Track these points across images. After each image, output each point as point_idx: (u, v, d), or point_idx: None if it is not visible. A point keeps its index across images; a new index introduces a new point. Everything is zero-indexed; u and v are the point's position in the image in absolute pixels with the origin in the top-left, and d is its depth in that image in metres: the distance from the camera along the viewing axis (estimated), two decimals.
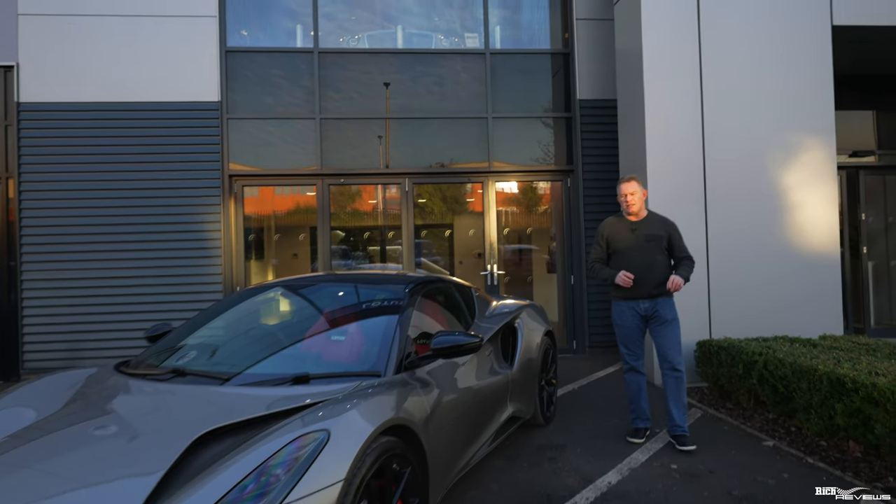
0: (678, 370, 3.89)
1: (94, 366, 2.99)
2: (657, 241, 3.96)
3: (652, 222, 4.03)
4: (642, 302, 3.96)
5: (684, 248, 4.03)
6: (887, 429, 3.38)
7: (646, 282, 3.92)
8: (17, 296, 6.61)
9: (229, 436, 2.04)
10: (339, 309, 3.23)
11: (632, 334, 4.02)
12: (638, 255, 3.94)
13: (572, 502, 3.11)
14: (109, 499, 1.76)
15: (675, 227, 4.06)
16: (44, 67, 6.67)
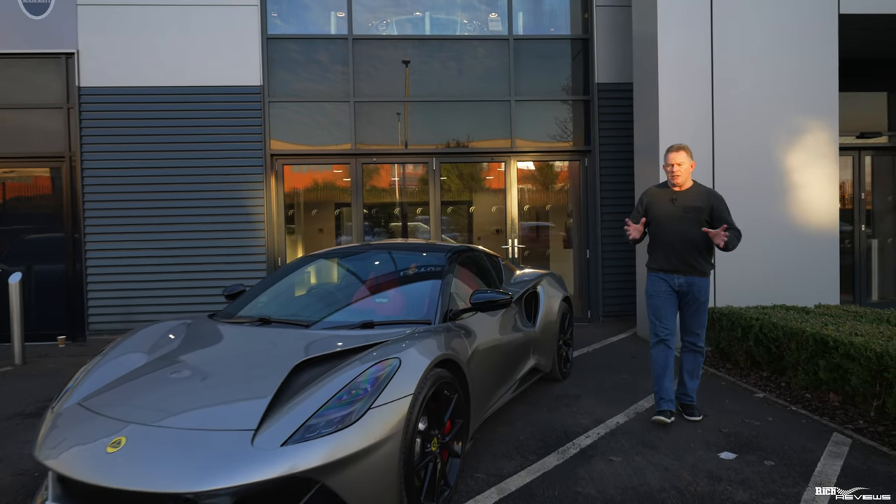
0: (698, 347, 3.91)
1: (181, 318, 3.56)
2: (696, 213, 3.78)
3: (694, 194, 3.86)
4: (676, 276, 3.85)
5: (731, 221, 3.77)
6: (861, 380, 3.90)
7: (679, 255, 3.80)
8: (81, 265, 7.29)
9: (317, 365, 2.63)
10: (392, 271, 3.82)
11: (663, 306, 3.90)
12: (674, 226, 3.81)
13: (585, 435, 3.69)
14: (239, 411, 2.36)
15: (720, 199, 3.84)
16: (101, 54, 7.24)
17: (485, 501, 2.83)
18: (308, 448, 2.13)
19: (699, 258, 3.82)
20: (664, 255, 3.89)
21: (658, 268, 3.95)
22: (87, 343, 7.24)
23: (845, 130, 8.12)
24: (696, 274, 3.83)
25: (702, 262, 3.84)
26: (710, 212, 3.81)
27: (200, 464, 2.10)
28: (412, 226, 8.13)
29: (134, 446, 2.20)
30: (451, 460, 2.80)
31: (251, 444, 2.15)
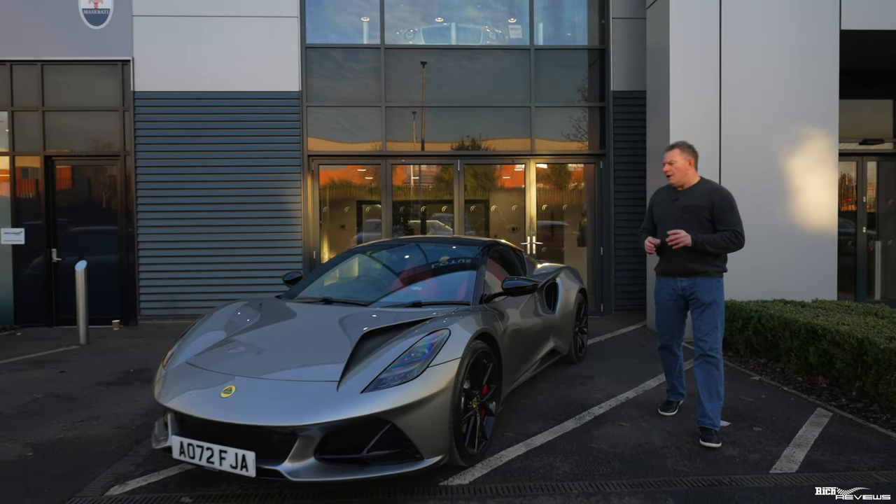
0: (710, 356, 3.55)
1: (245, 301, 4.09)
2: (695, 212, 3.58)
3: (696, 192, 3.65)
4: (679, 280, 3.67)
5: (730, 221, 3.52)
6: (844, 364, 4.41)
7: (678, 258, 3.62)
8: (134, 256, 7.94)
9: (379, 335, 3.19)
10: (433, 261, 4.39)
11: (666, 314, 3.80)
12: (673, 226, 3.61)
13: (599, 406, 4.24)
14: (323, 367, 2.93)
15: (724, 196, 3.59)
16: (153, 61, 7.88)
17: (515, 452, 3.39)
18: (381, 395, 2.71)
19: (699, 261, 3.58)
20: (665, 258, 3.74)
21: (662, 272, 3.81)
22: (138, 327, 7.89)
23: (848, 137, 8.59)
24: (699, 275, 3.60)
25: (704, 265, 3.58)
26: (710, 210, 3.57)
27: (298, 405, 2.68)
28: (430, 223, 8.70)
29: (243, 392, 2.79)
30: (487, 418, 3.36)
31: (337, 391, 2.73)
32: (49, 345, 6.74)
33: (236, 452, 2.64)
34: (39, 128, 7.89)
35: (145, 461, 3.32)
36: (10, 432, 3.81)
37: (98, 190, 8.19)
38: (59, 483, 3.04)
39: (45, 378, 5.21)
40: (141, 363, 5.76)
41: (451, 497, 2.85)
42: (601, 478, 3.06)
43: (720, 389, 3.56)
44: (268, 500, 2.83)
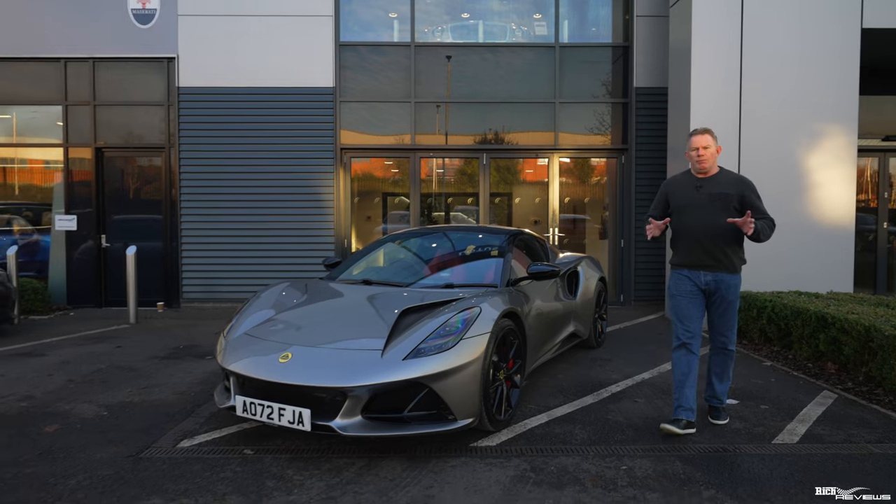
0: (728, 349, 3.62)
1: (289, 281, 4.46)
2: (724, 200, 3.42)
3: (722, 180, 3.50)
4: (703, 273, 3.50)
5: (763, 210, 3.44)
6: (852, 350, 4.64)
7: (704, 248, 3.47)
8: (177, 243, 8.43)
9: (416, 312, 3.54)
10: (464, 248, 4.74)
11: (686, 307, 3.56)
12: (698, 215, 3.46)
13: (616, 385, 4.55)
14: (368, 338, 3.30)
15: (751, 186, 3.48)
16: (197, 58, 8.33)
17: (538, 421, 3.73)
18: (421, 363, 3.06)
19: (727, 252, 3.45)
20: (687, 249, 3.55)
21: (681, 263, 3.60)
22: (180, 309, 8.39)
23: (870, 133, 8.70)
24: (723, 270, 3.46)
25: (731, 256, 3.47)
26: (739, 199, 3.43)
27: (347, 369, 3.05)
28: (453, 215, 9.03)
29: (298, 358, 3.17)
30: (512, 389, 3.69)
31: (381, 357, 3.10)
32: (101, 324, 7.25)
33: (294, 409, 3.02)
34: (91, 121, 8.41)
35: (207, 420, 3.73)
36: (83, 395, 4.27)
37: (144, 180, 8.69)
38: (135, 436, 3.47)
39: (105, 352, 5.69)
40: (189, 341, 6.21)
41: (481, 455, 3.19)
42: (616, 443, 3.38)
43: (731, 373, 3.72)
44: (318, 453, 3.21)
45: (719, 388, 3.70)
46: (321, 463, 3.08)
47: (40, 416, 3.82)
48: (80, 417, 3.80)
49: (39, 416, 3.82)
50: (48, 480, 2.87)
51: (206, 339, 6.31)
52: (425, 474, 2.95)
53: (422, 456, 3.17)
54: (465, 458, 3.16)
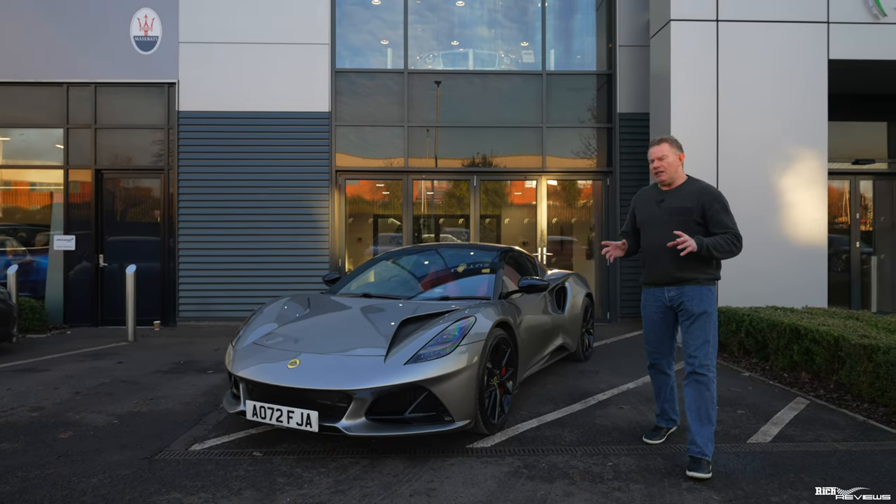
0: (700, 374, 3.18)
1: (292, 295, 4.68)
2: (684, 214, 3.25)
3: (684, 193, 3.31)
4: (667, 289, 3.34)
5: (727, 224, 3.19)
6: (823, 359, 4.94)
7: (664, 265, 3.30)
8: (175, 263, 8.61)
9: (415, 322, 3.78)
10: (458, 263, 5.00)
11: (653, 327, 3.47)
12: (659, 230, 3.31)
13: (602, 394, 4.79)
14: (372, 345, 3.52)
15: (716, 197, 3.24)
16: (197, 84, 8.61)
17: (529, 425, 3.96)
18: (421, 367, 3.29)
19: (690, 269, 3.25)
20: (651, 266, 3.41)
21: (647, 281, 3.47)
22: (177, 327, 8.52)
23: (841, 157, 9.16)
24: (688, 283, 3.27)
25: (691, 271, 3.25)
26: (701, 212, 3.24)
27: (353, 374, 3.27)
28: (443, 236, 9.31)
29: (306, 364, 3.39)
30: (505, 395, 3.92)
31: (384, 363, 3.33)
32: (100, 341, 7.38)
33: (302, 412, 3.23)
34: (91, 144, 8.63)
35: (215, 427, 3.92)
36: (92, 406, 4.43)
37: (142, 201, 8.89)
38: (148, 441, 3.64)
39: (107, 367, 5.83)
40: (189, 357, 6.37)
41: (477, 455, 3.41)
42: (602, 444, 3.62)
43: (711, 413, 3.15)
44: (324, 454, 3.41)
45: (697, 431, 3.14)
46: (328, 462, 3.29)
47: (53, 425, 3.98)
48: (92, 425, 3.97)
49: (52, 425, 3.98)
50: (71, 479, 3.04)
51: (205, 355, 6.47)
52: (426, 471, 3.16)
53: (421, 456, 3.38)
54: (462, 457, 3.37)
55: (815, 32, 7.36)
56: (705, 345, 3.22)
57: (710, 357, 3.21)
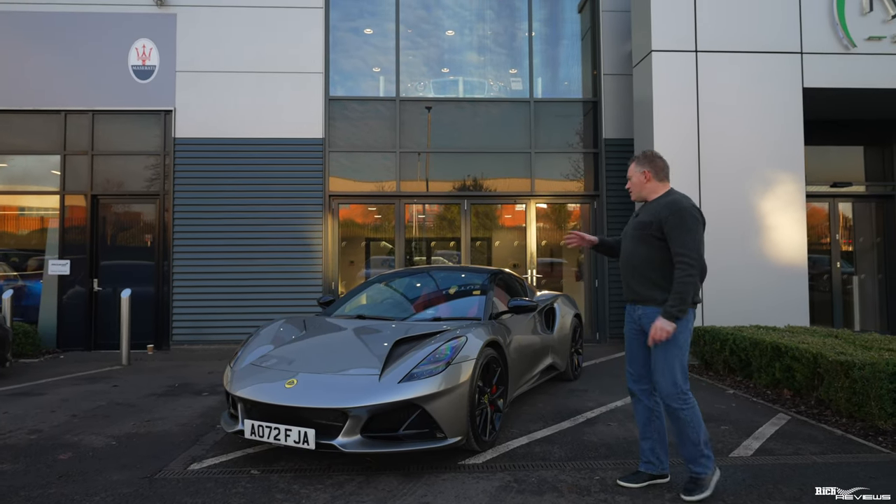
0: (667, 405, 3.09)
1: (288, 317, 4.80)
2: (644, 228, 3.17)
3: (649, 207, 3.26)
4: (634, 307, 3.27)
5: (680, 244, 3.02)
6: (803, 376, 5.10)
7: (626, 279, 3.31)
8: (169, 288, 8.69)
9: (408, 342, 3.91)
10: (450, 285, 5.15)
11: (629, 347, 3.33)
12: (626, 244, 3.33)
13: (591, 412, 4.91)
14: (367, 364, 3.64)
15: (675, 211, 3.08)
16: (193, 111, 8.80)
17: (519, 442, 4.07)
18: (414, 385, 3.42)
19: (649, 286, 3.15)
20: (623, 280, 3.37)
21: (625, 298, 3.40)
22: (170, 351, 8.57)
23: (820, 180, 9.46)
24: (648, 304, 3.16)
25: (653, 289, 3.13)
26: (658, 226, 3.11)
27: (349, 392, 3.39)
28: (434, 259, 9.47)
29: (304, 384, 3.50)
30: (495, 414, 4.04)
31: (379, 381, 3.45)
32: (94, 365, 7.42)
33: (299, 430, 3.34)
34: (88, 170, 8.76)
35: (212, 447, 4.00)
36: (90, 428, 4.49)
37: (137, 226, 9.00)
38: (147, 461, 3.72)
39: (102, 390, 5.89)
40: (183, 380, 6.43)
41: (469, 471, 3.52)
42: (590, 459, 3.74)
43: (691, 434, 3.05)
44: (320, 471, 3.50)
45: (683, 454, 3.13)
46: (324, 479, 3.38)
47: (51, 447, 4.04)
48: (91, 447, 4.03)
49: (51, 447, 4.04)
50: (73, 498, 3.12)
51: (199, 378, 6.54)
52: (419, 486, 3.26)
53: (415, 472, 3.49)
54: (454, 473, 3.48)
55: (790, 62, 7.69)
56: (671, 371, 3.05)
57: (674, 385, 3.04)
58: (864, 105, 8.60)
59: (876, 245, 9.93)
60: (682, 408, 3.04)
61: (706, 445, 3.07)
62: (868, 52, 7.73)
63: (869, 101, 8.34)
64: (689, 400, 3.06)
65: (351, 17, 9.33)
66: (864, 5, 7.73)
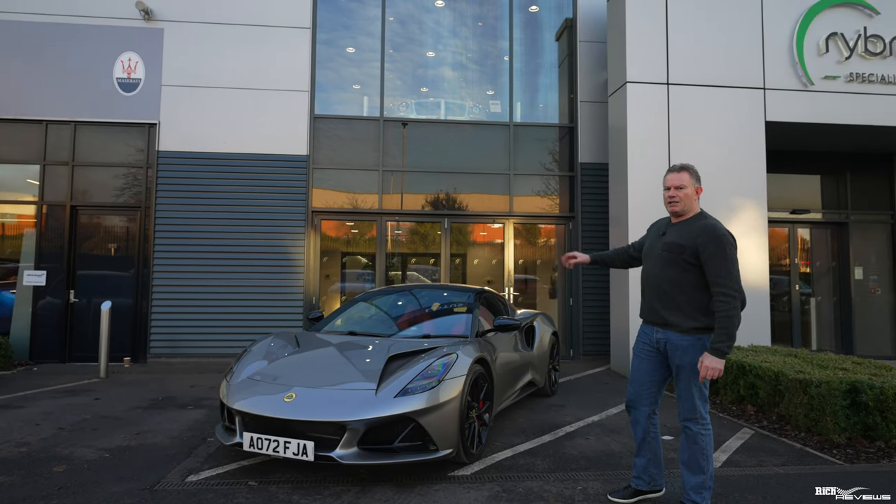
0: (686, 427, 3.14)
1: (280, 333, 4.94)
2: (675, 251, 3.09)
3: (685, 228, 3.15)
4: (655, 330, 3.23)
5: (718, 273, 2.96)
6: (766, 393, 5.45)
7: (651, 302, 3.23)
8: (148, 300, 8.67)
9: (400, 358, 4.10)
10: (436, 303, 5.36)
11: (639, 365, 3.31)
12: (652, 264, 3.24)
13: (569, 426, 5.16)
14: (362, 382, 3.81)
15: (715, 238, 3.00)
16: (178, 125, 8.86)
17: (504, 455, 4.28)
18: (409, 400, 3.60)
19: (674, 310, 3.10)
20: (644, 300, 3.33)
21: (641, 316, 3.37)
22: (147, 364, 8.53)
23: (782, 207, 10.01)
24: (672, 329, 3.13)
25: (679, 315, 3.09)
26: (694, 252, 3.03)
27: (347, 406, 3.56)
28: (409, 274, 9.69)
29: (302, 398, 3.65)
30: (482, 427, 4.25)
31: (375, 395, 3.62)
32: (71, 378, 7.36)
33: (298, 442, 3.49)
34: (68, 180, 8.72)
35: (207, 459, 4.10)
36: (80, 441, 4.53)
37: (116, 238, 8.97)
38: (144, 474, 3.80)
39: (85, 403, 5.89)
40: (166, 393, 6.45)
41: (459, 482, 3.71)
42: (572, 471, 3.97)
43: (702, 463, 3.09)
44: (317, 482, 3.65)
45: (688, 480, 3.14)
46: (321, 489, 3.53)
47: (44, 459, 4.08)
48: (84, 459, 4.09)
49: (43, 459, 4.08)
50: None
51: (182, 391, 6.57)
52: (413, 496, 3.44)
53: (408, 483, 3.66)
54: (445, 483, 3.67)
55: (754, 97, 8.20)
56: (690, 397, 3.10)
57: (696, 409, 3.09)
58: (820, 138, 9.18)
59: (832, 269, 10.52)
60: (701, 432, 3.09)
61: (711, 479, 3.13)
62: (824, 90, 8.30)
63: (825, 135, 8.92)
64: (707, 425, 3.11)
65: (337, 38, 9.55)
66: (821, 46, 8.31)
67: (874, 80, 8.34)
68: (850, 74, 8.32)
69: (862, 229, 10.32)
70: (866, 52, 8.35)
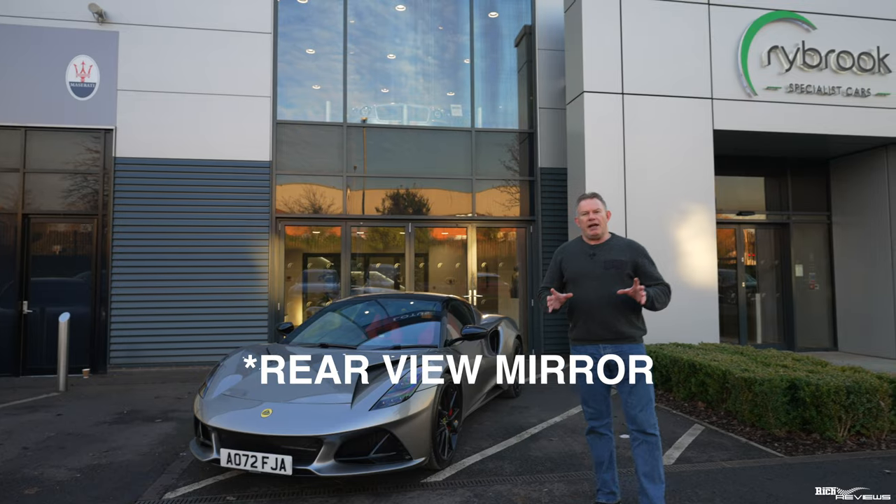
0: (649, 434, 3.25)
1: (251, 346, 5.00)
2: (618, 268, 3.31)
3: (614, 247, 3.41)
4: (602, 347, 3.32)
5: (657, 276, 3.34)
6: (714, 390, 5.83)
7: (602, 320, 3.31)
8: (106, 309, 8.50)
9: (374, 370, 4.23)
10: (404, 312, 5.50)
11: (591, 388, 3.39)
12: (594, 285, 3.34)
13: (534, 428, 5.40)
14: (338, 393, 3.94)
15: (643, 252, 3.40)
16: (135, 130, 8.70)
17: (473, 459, 4.48)
18: (384, 412, 3.75)
19: (625, 322, 3.30)
20: (585, 322, 3.38)
21: (580, 338, 3.42)
22: (107, 374, 8.38)
23: (729, 208, 10.54)
24: (625, 342, 3.29)
25: (629, 326, 3.31)
26: (633, 266, 3.34)
27: (323, 420, 3.68)
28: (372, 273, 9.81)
29: (279, 413, 3.75)
30: (452, 434, 4.43)
31: (350, 409, 3.76)
32: (27, 392, 7.18)
33: (276, 457, 3.59)
34: (20, 188, 8.45)
35: (182, 475, 4.14)
36: (47, 461, 4.50)
37: (72, 246, 8.75)
38: (119, 493, 3.83)
39: (46, 420, 5.79)
40: (130, 406, 6.39)
41: (432, 488, 3.89)
42: (538, 473, 4.20)
43: (661, 471, 3.25)
44: (294, 496, 3.76)
45: (652, 491, 3.22)
46: (300, 502, 3.65)
47: (13, 482, 4.05)
48: (55, 480, 4.08)
49: (12, 482, 4.05)
50: None
51: (146, 404, 6.51)
52: None
53: (384, 492, 3.82)
54: (419, 491, 3.83)
55: (702, 107, 8.63)
56: (649, 404, 3.27)
57: (654, 416, 3.28)
58: (763, 144, 9.72)
59: (775, 267, 11.14)
60: (657, 434, 3.28)
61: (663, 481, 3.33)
62: (767, 99, 8.80)
63: (768, 141, 9.45)
64: (657, 429, 3.33)
65: (299, 44, 9.54)
66: (763, 59, 8.80)
67: (811, 90, 8.89)
68: (791, 85, 8.85)
69: (802, 229, 10.96)
70: (804, 65, 8.90)
